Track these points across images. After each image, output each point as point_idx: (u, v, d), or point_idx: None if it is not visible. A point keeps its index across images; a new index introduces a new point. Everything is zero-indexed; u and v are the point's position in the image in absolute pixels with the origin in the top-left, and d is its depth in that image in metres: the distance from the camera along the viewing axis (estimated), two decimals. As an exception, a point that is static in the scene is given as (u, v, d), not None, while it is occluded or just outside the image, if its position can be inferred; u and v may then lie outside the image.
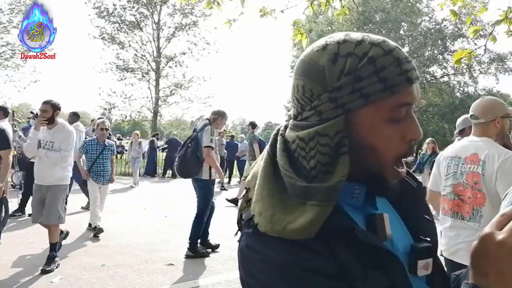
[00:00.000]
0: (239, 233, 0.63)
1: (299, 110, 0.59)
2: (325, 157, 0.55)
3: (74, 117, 6.44)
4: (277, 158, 0.60)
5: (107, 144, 5.06)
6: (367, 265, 0.52)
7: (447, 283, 0.68)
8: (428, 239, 0.64)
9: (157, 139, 13.15)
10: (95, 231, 4.74)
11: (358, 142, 0.55)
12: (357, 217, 0.58)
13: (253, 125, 7.84)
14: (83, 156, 5.10)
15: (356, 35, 0.56)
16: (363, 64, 0.52)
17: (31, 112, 5.51)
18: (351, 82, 0.53)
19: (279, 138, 0.63)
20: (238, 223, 0.66)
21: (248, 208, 0.61)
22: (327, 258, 0.51)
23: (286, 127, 0.64)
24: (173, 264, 3.88)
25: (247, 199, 0.62)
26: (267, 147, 0.64)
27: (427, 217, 0.68)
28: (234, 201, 7.44)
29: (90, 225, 4.95)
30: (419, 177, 6.82)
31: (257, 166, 0.65)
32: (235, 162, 12.03)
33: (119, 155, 19.59)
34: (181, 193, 8.83)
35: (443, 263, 0.82)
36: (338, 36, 0.57)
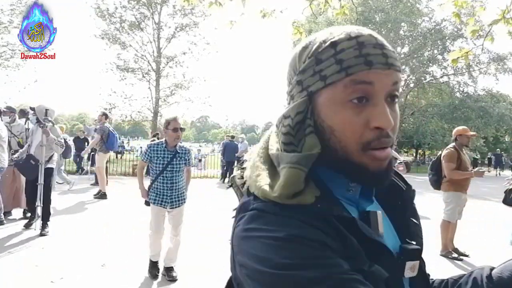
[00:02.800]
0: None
1: (288, 96, 0.63)
2: (286, 137, 0.58)
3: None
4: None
5: (179, 150, 3.45)
6: (367, 255, 0.53)
7: (428, 286, 0.69)
8: (414, 242, 0.64)
9: (157, 138, 13.12)
10: (170, 276, 3.50)
11: (319, 125, 0.56)
12: (352, 212, 0.59)
13: (105, 115, 8.00)
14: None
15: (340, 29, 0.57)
16: (325, 47, 0.55)
17: (31, 108, 4.99)
18: (312, 64, 0.55)
19: None
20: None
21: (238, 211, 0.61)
22: (334, 238, 0.50)
23: None
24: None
25: (241, 184, 0.64)
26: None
27: (414, 220, 0.68)
28: (103, 195, 7.70)
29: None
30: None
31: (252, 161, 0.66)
32: (235, 162, 12.01)
33: (119, 155, 19.69)
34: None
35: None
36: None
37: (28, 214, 5.33)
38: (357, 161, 0.54)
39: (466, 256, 4.54)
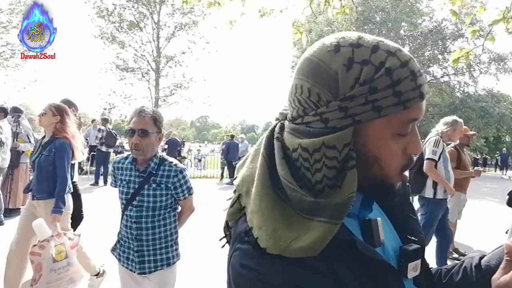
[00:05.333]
0: (224, 243, 0.63)
1: (300, 113, 0.55)
2: (332, 171, 0.52)
3: None
4: (277, 166, 0.55)
5: (154, 171, 1.89)
6: (364, 276, 0.52)
7: (431, 281, 0.69)
8: (416, 239, 0.65)
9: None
10: None
11: (363, 154, 0.53)
12: (351, 224, 0.57)
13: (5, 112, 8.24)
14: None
15: (370, 39, 0.53)
16: (380, 75, 0.50)
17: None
18: (365, 92, 0.50)
19: (275, 142, 0.58)
20: (224, 230, 0.64)
21: (236, 215, 0.59)
22: (327, 277, 0.49)
23: (281, 128, 0.60)
24: (172, 264, 3.88)
25: (240, 206, 0.58)
26: (262, 150, 0.59)
27: (413, 216, 0.69)
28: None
29: None
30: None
31: (247, 169, 0.61)
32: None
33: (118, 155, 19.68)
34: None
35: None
36: (351, 38, 0.53)
37: None
38: (390, 183, 0.56)
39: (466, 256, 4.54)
